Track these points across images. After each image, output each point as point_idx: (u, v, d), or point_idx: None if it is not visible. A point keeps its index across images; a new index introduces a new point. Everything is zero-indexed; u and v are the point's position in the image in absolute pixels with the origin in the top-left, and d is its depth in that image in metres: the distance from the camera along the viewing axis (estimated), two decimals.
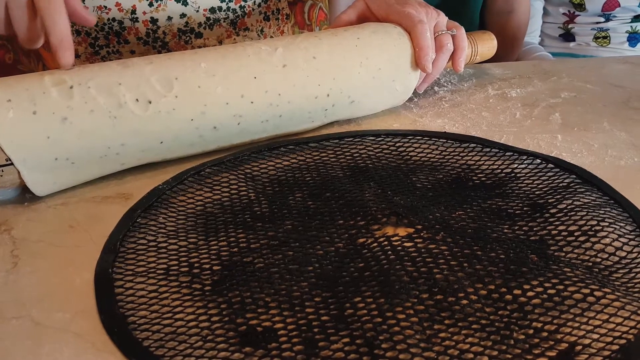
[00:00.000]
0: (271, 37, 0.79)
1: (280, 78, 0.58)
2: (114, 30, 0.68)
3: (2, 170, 0.50)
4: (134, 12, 0.67)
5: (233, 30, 0.73)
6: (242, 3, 0.71)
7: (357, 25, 0.68)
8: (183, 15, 0.68)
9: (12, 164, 0.49)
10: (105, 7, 0.66)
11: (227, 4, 0.70)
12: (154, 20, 0.68)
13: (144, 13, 0.67)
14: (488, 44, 0.79)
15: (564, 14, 1.31)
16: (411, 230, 0.48)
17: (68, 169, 0.52)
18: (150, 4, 0.67)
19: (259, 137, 0.60)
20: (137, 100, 0.51)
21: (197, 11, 0.69)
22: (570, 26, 1.28)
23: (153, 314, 0.40)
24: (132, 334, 0.39)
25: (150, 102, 0.52)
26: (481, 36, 0.79)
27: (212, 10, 0.69)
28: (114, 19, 0.67)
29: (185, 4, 0.68)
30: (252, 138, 0.60)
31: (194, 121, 0.54)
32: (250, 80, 0.56)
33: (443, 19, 0.70)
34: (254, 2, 0.73)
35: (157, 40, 0.70)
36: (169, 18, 0.68)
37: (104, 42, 0.69)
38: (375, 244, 0.46)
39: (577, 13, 1.27)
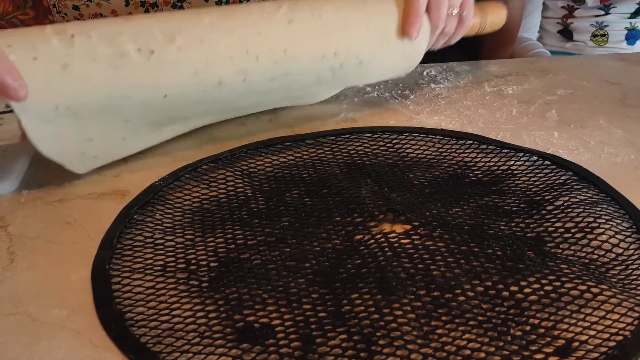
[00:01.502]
0: None
1: (286, 34, 0.56)
2: None
3: (2, 119, 0.49)
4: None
5: None
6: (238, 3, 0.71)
7: None
8: None
9: (11, 111, 0.48)
10: (101, 14, 0.66)
11: (223, 6, 0.70)
12: None
13: None
14: (497, 13, 0.77)
15: (562, 7, 1.31)
16: (408, 227, 0.48)
17: (69, 119, 0.50)
18: (147, 11, 0.67)
19: (266, 99, 0.58)
20: (139, 50, 0.50)
21: None
22: (569, 21, 1.28)
23: (150, 310, 0.40)
24: (130, 330, 0.39)
25: (152, 52, 0.50)
26: (490, 5, 0.76)
27: None
28: None
29: (181, 9, 0.68)
30: (259, 101, 0.58)
31: (197, 74, 0.53)
32: (255, 35, 0.55)
33: None
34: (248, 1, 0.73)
35: None
36: None
37: None
38: (372, 241, 0.46)
39: (576, 6, 1.27)
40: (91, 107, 0.50)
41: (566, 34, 1.30)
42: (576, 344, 0.37)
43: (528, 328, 0.38)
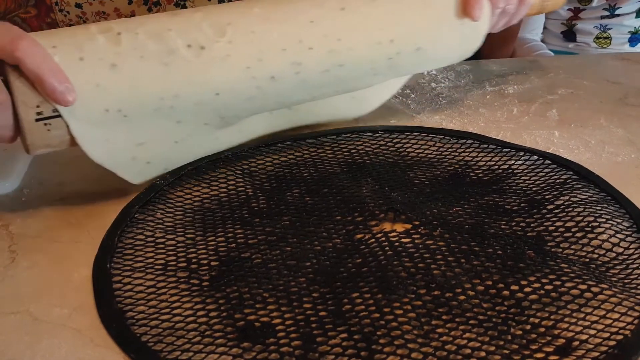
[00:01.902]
0: None
1: (339, 22, 0.54)
2: None
3: (50, 124, 0.45)
4: (132, 16, 0.67)
5: None
6: None
7: None
8: None
9: (59, 115, 0.45)
10: (104, 12, 0.66)
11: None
12: None
13: None
14: None
15: (569, 9, 1.31)
16: (408, 226, 0.48)
17: (120, 123, 0.48)
18: (149, 9, 0.67)
19: (320, 92, 0.55)
20: (189, 46, 0.48)
21: None
22: (573, 22, 1.28)
23: (151, 309, 0.40)
24: (131, 329, 0.39)
25: (202, 48, 0.48)
26: None
27: None
28: None
29: (184, 7, 0.68)
30: (313, 94, 0.55)
31: (250, 69, 0.50)
32: (307, 24, 0.52)
33: None
34: None
35: None
36: None
37: None
38: (372, 240, 0.46)
39: (582, 7, 1.27)
40: (142, 109, 0.48)
41: (570, 35, 1.30)
42: (576, 343, 0.37)
43: (528, 327, 0.38)
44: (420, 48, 0.58)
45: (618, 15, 1.22)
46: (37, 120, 0.44)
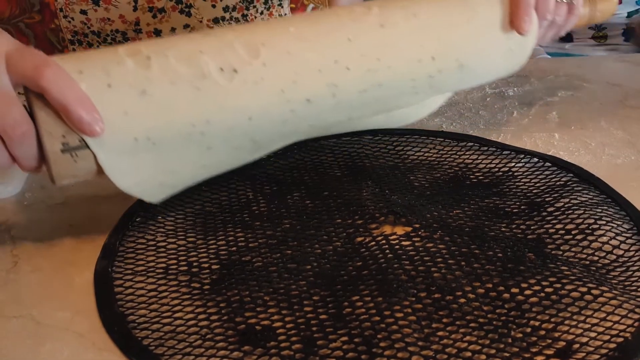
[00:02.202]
0: None
1: (378, 39, 0.51)
2: (117, 41, 0.68)
3: (77, 155, 0.42)
4: (137, 23, 0.66)
5: None
6: (245, 12, 0.71)
7: None
8: (186, 26, 0.68)
9: (87, 146, 0.43)
10: (109, 19, 0.66)
11: (230, 13, 0.70)
12: (157, 32, 0.68)
13: (148, 24, 0.67)
14: (608, 0, 0.68)
15: None
16: (409, 229, 0.48)
17: (149, 151, 0.45)
18: (154, 16, 0.67)
19: (357, 113, 0.53)
20: (221, 69, 0.45)
21: (201, 22, 0.68)
22: None
23: (152, 312, 0.41)
24: (132, 332, 0.39)
25: (236, 71, 0.45)
26: None
27: (216, 20, 0.69)
28: (117, 30, 0.67)
29: (188, 15, 0.68)
30: (350, 115, 0.52)
31: (284, 92, 0.47)
32: (344, 42, 0.49)
33: None
34: (257, 10, 0.73)
35: None
36: (173, 29, 0.68)
37: None
38: (373, 243, 0.47)
39: None
40: (172, 136, 0.45)
41: (566, 37, 1.30)
42: (577, 345, 0.37)
43: (529, 330, 0.39)
44: (463, 65, 0.55)
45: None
46: (63, 151, 0.42)
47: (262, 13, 0.74)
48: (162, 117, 0.44)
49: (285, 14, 0.77)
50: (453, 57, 0.54)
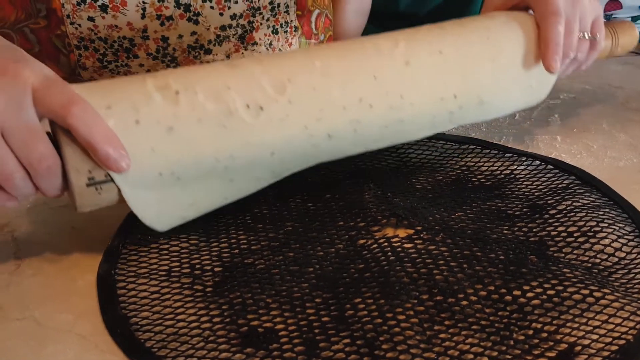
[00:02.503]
0: (280, 49, 0.77)
1: (403, 77, 0.51)
2: (123, 47, 0.68)
3: (101, 188, 0.43)
4: (145, 30, 0.67)
5: (241, 45, 0.73)
6: (251, 19, 0.71)
7: (485, 14, 0.60)
8: (194, 33, 0.68)
9: (112, 180, 0.43)
10: (116, 26, 0.66)
11: (237, 20, 0.70)
12: (164, 38, 0.68)
13: (155, 32, 0.67)
14: (629, 34, 0.69)
15: None
16: (411, 231, 0.48)
17: (173, 185, 0.46)
18: (162, 23, 0.67)
19: (375, 145, 0.53)
20: (247, 106, 0.45)
21: (208, 29, 0.69)
22: None
23: (155, 315, 0.41)
24: (135, 334, 0.39)
25: (262, 109, 0.46)
26: (621, 26, 0.69)
27: (223, 27, 0.69)
28: (124, 37, 0.67)
29: (196, 22, 0.68)
30: (368, 147, 0.53)
31: (307, 129, 0.48)
32: (370, 80, 0.50)
33: (590, 13, 0.58)
34: (263, 17, 0.73)
35: (166, 56, 0.70)
36: (180, 36, 0.68)
37: (113, 57, 0.69)
38: (375, 245, 0.47)
39: None
40: (196, 171, 0.46)
41: None
42: (579, 348, 0.37)
43: (531, 332, 0.39)
44: (483, 101, 0.55)
45: (614, 17, 1.22)
46: (88, 185, 0.43)
47: (267, 20, 0.74)
48: (188, 153, 0.44)
49: (292, 21, 0.78)
50: (475, 94, 0.54)
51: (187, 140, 0.44)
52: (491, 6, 0.62)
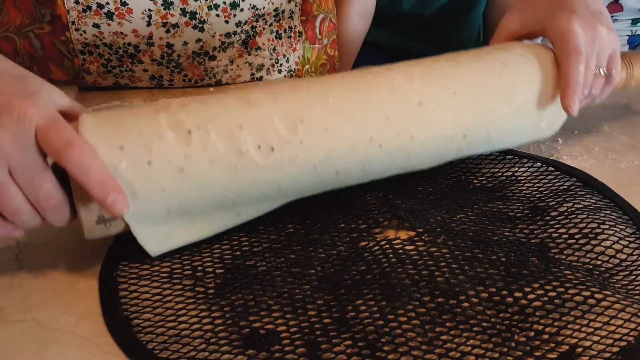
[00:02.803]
0: (284, 55, 0.78)
1: (415, 118, 0.50)
2: (128, 53, 0.68)
3: (110, 224, 0.43)
4: (150, 37, 0.67)
5: (245, 50, 0.73)
6: (254, 24, 0.72)
7: (502, 46, 0.58)
8: (199, 40, 0.69)
9: (121, 217, 0.43)
10: (122, 33, 0.66)
11: (241, 27, 0.70)
12: (169, 45, 0.68)
13: (160, 38, 0.67)
14: None
15: None
16: (412, 233, 0.48)
17: (181, 220, 0.46)
18: (167, 31, 0.67)
19: (380, 177, 0.53)
20: (259, 147, 0.45)
21: (213, 36, 0.69)
22: None
23: (157, 316, 0.41)
24: (136, 336, 0.39)
25: (272, 150, 0.45)
26: (637, 58, 0.67)
27: (228, 35, 0.70)
28: (129, 44, 0.67)
29: (202, 30, 0.68)
30: (372, 179, 0.53)
31: (316, 168, 0.48)
32: (382, 121, 0.49)
33: (607, 48, 0.57)
34: (266, 22, 0.73)
35: (171, 62, 0.70)
36: (185, 43, 0.68)
37: (117, 63, 0.69)
38: (376, 248, 0.47)
39: None
40: (204, 206, 0.46)
41: None
42: (580, 349, 0.37)
43: (532, 334, 0.39)
44: (492, 138, 0.55)
45: (615, 20, 1.23)
46: (97, 222, 0.43)
47: (271, 25, 0.74)
48: (197, 192, 0.45)
49: (295, 26, 0.78)
50: (484, 132, 0.54)
51: (197, 180, 0.44)
52: (505, 33, 0.61)
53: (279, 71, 0.78)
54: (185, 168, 0.43)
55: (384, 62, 0.54)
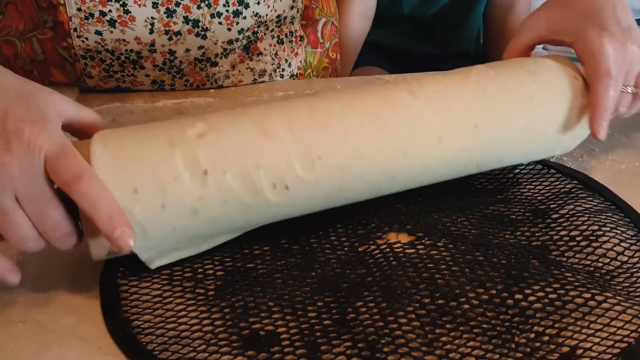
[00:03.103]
0: (286, 59, 0.78)
1: (433, 154, 0.49)
2: (130, 59, 0.68)
3: (119, 254, 0.44)
4: (152, 44, 0.67)
5: (246, 55, 0.74)
6: (255, 29, 0.72)
7: (533, 67, 0.54)
8: (201, 47, 0.69)
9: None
10: (124, 40, 0.66)
11: (243, 34, 0.70)
12: (172, 52, 0.68)
13: (163, 46, 0.67)
14: None
15: None
16: (413, 237, 0.48)
17: (188, 248, 0.46)
18: (170, 38, 0.67)
19: (380, 195, 0.51)
20: (274, 185, 0.44)
21: (215, 43, 0.69)
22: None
23: (157, 318, 0.41)
24: (137, 337, 0.39)
25: (287, 188, 0.44)
26: None
27: (230, 42, 0.70)
28: (131, 50, 0.67)
29: (204, 37, 0.68)
30: (374, 197, 0.51)
31: (327, 198, 0.47)
32: (399, 156, 0.48)
33: (637, 64, 0.55)
34: (267, 27, 0.73)
35: (172, 67, 0.70)
36: (187, 50, 0.69)
37: (119, 68, 0.69)
38: (377, 251, 0.47)
39: None
40: (211, 236, 0.46)
41: None
42: (580, 351, 0.37)
43: (532, 336, 0.39)
44: (502, 162, 0.54)
45: None
46: (107, 254, 0.43)
47: (272, 30, 0.74)
48: (208, 228, 0.45)
49: (296, 30, 0.78)
50: (497, 159, 0.53)
51: (209, 218, 0.44)
52: (530, 35, 0.60)
53: (282, 76, 0.78)
54: (199, 209, 0.43)
55: (385, 63, 0.54)
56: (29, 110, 0.40)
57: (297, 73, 0.80)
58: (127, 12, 0.64)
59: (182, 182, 0.42)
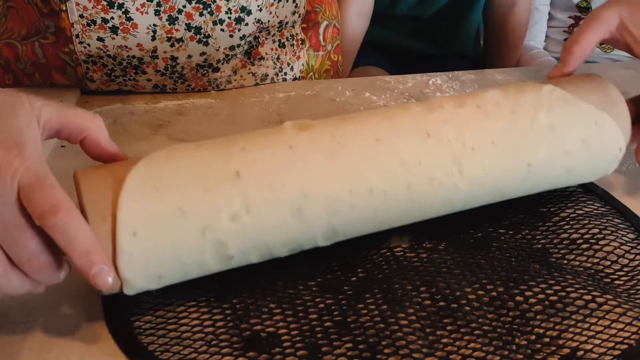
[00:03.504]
0: (288, 63, 0.78)
1: (451, 205, 0.47)
2: (132, 64, 0.68)
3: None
4: (154, 51, 0.67)
5: (248, 60, 0.74)
6: (257, 34, 0.72)
7: (581, 110, 0.50)
8: (203, 54, 0.69)
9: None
10: (126, 46, 0.66)
11: (245, 40, 0.71)
12: (173, 58, 0.68)
13: (165, 52, 0.67)
14: None
15: (570, 17, 1.32)
16: (413, 242, 0.48)
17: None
18: (172, 45, 0.67)
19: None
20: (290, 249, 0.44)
21: (217, 50, 0.69)
22: (574, 30, 1.30)
23: (158, 319, 0.41)
24: (138, 338, 0.39)
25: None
26: None
27: (232, 48, 0.70)
28: (133, 56, 0.67)
29: (206, 44, 0.68)
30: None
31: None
32: (416, 217, 0.47)
33: None
34: (268, 32, 0.73)
35: (174, 73, 0.70)
36: (189, 56, 0.69)
37: (121, 73, 0.69)
38: (377, 255, 0.47)
39: (582, 16, 1.28)
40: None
41: None
42: (581, 352, 0.37)
43: (533, 337, 0.39)
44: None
45: None
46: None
47: (273, 35, 0.75)
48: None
49: (297, 34, 0.78)
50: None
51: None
52: (602, 29, 0.56)
53: (284, 79, 0.78)
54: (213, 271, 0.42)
55: (385, 63, 0.53)
56: (8, 132, 0.37)
57: (299, 76, 0.80)
58: (129, 19, 0.64)
59: (206, 265, 0.41)
